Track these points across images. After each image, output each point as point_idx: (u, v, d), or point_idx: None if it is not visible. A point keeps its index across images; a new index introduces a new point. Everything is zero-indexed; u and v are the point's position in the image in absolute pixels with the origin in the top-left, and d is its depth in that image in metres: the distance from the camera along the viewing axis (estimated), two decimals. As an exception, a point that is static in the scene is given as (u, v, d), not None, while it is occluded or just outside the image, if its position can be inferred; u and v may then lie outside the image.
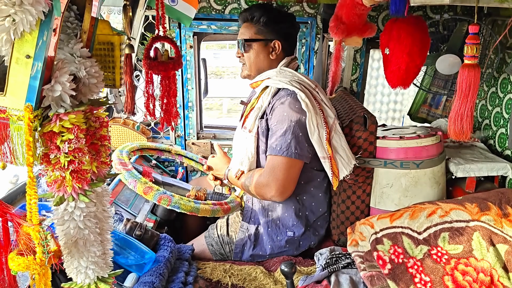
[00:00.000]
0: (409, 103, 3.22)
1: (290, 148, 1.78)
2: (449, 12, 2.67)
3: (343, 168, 1.83)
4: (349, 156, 1.84)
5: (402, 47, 1.95)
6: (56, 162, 0.88)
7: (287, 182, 1.82)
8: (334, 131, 1.84)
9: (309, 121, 1.77)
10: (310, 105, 1.78)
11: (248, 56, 1.97)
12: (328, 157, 1.80)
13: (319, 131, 1.78)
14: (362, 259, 1.74)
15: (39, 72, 0.81)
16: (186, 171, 3.08)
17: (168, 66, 1.70)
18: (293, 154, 1.78)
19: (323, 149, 1.79)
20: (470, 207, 1.72)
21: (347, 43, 2.40)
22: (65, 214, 0.95)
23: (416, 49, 1.94)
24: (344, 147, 1.84)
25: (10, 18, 0.76)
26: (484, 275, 1.50)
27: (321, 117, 1.81)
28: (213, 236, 2.08)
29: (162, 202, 1.85)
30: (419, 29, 1.95)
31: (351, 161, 1.85)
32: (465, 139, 1.63)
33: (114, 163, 2.08)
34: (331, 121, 1.85)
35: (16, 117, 0.82)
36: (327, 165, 1.81)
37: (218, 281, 1.79)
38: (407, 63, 1.96)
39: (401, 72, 2.00)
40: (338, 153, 1.83)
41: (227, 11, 2.76)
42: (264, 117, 1.89)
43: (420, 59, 1.97)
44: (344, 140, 1.86)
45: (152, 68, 1.67)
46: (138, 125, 2.91)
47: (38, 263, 0.88)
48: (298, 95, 1.79)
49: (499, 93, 2.46)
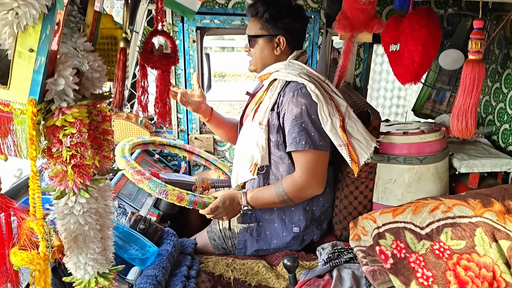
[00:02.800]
0: (412, 98, 3.22)
1: (315, 141, 1.78)
2: (453, 7, 2.66)
3: (362, 152, 1.82)
4: (367, 139, 1.83)
5: (416, 40, 1.93)
6: (58, 155, 0.88)
7: (324, 174, 1.85)
8: (348, 117, 1.83)
9: (320, 110, 1.77)
10: (320, 96, 1.77)
11: (254, 51, 1.97)
12: (345, 144, 1.79)
13: (332, 120, 1.77)
14: (364, 254, 1.74)
15: (42, 66, 0.81)
16: (188, 165, 3.08)
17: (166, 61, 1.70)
18: (319, 147, 1.79)
19: (338, 137, 1.79)
20: (473, 203, 1.72)
21: (358, 38, 2.38)
22: (65, 208, 0.95)
23: (431, 39, 1.92)
24: (361, 131, 1.83)
25: (13, 11, 0.76)
26: (487, 270, 1.50)
27: (333, 106, 1.80)
28: (215, 230, 2.08)
29: (197, 206, 1.87)
30: (432, 20, 1.93)
31: (371, 143, 1.83)
32: (468, 136, 1.62)
33: (129, 172, 1.94)
34: (343, 109, 1.84)
35: (20, 111, 0.83)
36: (344, 152, 1.80)
37: (220, 275, 1.79)
38: (421, 56, 1.94)
39: (415, 65, 1.98)
40: (355, 138, 1.81)
41: (230, 5, 2.75)
42: (275, 109, 1.88)
43: (434, 50, 1.95)
44: (361, 125, 1.84)
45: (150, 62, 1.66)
46: (141, 119, 2.91)
47: (42, 257, 0.88)
48: (308, 87, 1.79)
49: (503, 89, 2.44)
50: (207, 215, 1.90)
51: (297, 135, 1.79)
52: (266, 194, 1.89)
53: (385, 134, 1.96)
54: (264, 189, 1.91)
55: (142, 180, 1.89)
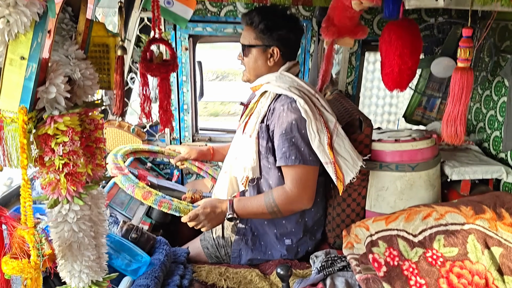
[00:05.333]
0: (404, 106, 3.23)
1: (305, 156, 1.78)
2: (443, 15, 2.68)
3: (348, 171, 1.81)
4: (354, 158, 1.83)
5: (393, 49, 1.96)
6: (50, 164, 0.88)
7: (314, 188, 1.85)
8: (336, 134, 1.83)
9: (309, 126, 1.76)
10: (309, 111, 1.76)
11: (247, 60, 1.94)
12: (331, 162, 1.78)
13: (320, 137, 1.77)
14: (357, 262, 1.74)
15: (33, 73, 0.81)
16: (181, 173, 3.07)
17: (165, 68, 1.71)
18: (308, 162, 1.78)
19: (325, 154, 1.78)
20: (465, 210, 1.73)
21: (339, 43, 2.41)
22: (59, 216, 0.94)
23: (407, 51, 1.94)
24: (348, 150, 1.83)
25: (4, 19, 0.76)
26: (479, 277, 1.51)
27: (321, 122, 1.80)
28: (208, 239, 2.07)
29: (163, 207, 1.84)
30: (409, 31, 1.95)
31: (357, 162, 1.83)
32: (458, 142, 1.63)
33: (109, 167, 2.04)
34: (331, 125, 1.84)
35: (10, 119, 0.82)
36: (330, 170, 1.80)
37: (213, 284, 1.78)
38: (399, 65, 1.97)
39: (395, 74, 2.01)
40: (342, 156, 1.81)
41: (223, 13, 2.76)
42: (265, 121, 1.87)
43: (411, 61, 1.97)
44: (348, 143, 1.84)
45: (150, 70, 1.67)
46: (133, 127, 2.90)
47: (33, 266, 0.87)
48: (298, 102, 1.78)
49: (493, 96, 2.47)
50: (188, 223, 1.86)
51: (287, 150, 1.78)
52: (255, 203, 1.86)
53: (377, 141, 1.97)
54: (252, 198, 1.89)
55: (117, 175, 1.97)
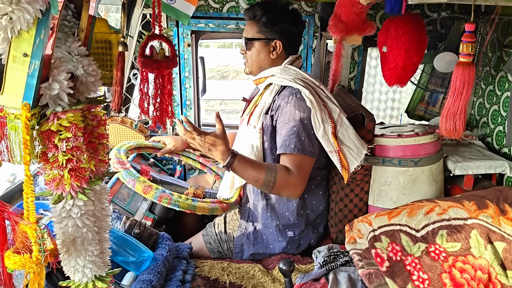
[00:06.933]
0: (407, 101, 3.23)
1: (304, 146, 1.78)
2: (446, 10, 2.68)
3: (353, 159, 1.82)
4: (358, 147, 1.83)
5: (399, 45, 1.96)
6: (54, 160, 0.88)
7: (307, 180, 1.84)
8: (340, 124, 1.84)
9: (314, 116, 1.77)
10: (314, 102, 1.78)
11: (250, 54, 1.99)
12: (336, 150, 1.80)
13: (324, 126, 1.78)
14: (360, 257, 1.74)
15: (36, 70, 0.81)
16: (184, 169, 3.08)
17: (162, 64, 1.70)
18: (307, 152, 1.79)
19: (330, 143, 1.79)
20: (468, 205, 1.73)
21: (347, 41, 2.40)
22: (63, 212, 0.95)
23: (414, 46, 1.95)
24: (352, 139, 1.83)
25: (7, 16, 0.76)
26: (482, 272, 1.51)
27: (326, 113, 1.81)
28: (211, 234, 2.08)
29: (162, 201, 1.85)
30: (416, 27, 1.96)
31: (362, 151, 1.83)
32: (457, 137, 1.63)
33: (112, 161, 2.06)
34: (335, 115, 1.84)
35: (13, 116, 0.82)
36: (335, 158, 1.81)
37: (216, 279, 1.79)
38: (405, 61, 1.97)
39: (399, 69, 2.01)
40: (346, 145, 1.82)
41: (225, 9, 2.75)
42: (269, 113, 1.89)
43: (417, 56, 1.98)
44: (352, 132, 1.84)
45: (146, 66, 1.67)
46: (136, 123, 2.91)
47: (34, 261, 0.88)
48: (303, 92, 1.79)
49: (496, 91, 2.46)
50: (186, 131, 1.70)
51: (288, 138, 1.78)
52: (254, 171, 1.74)
53: (380, 136, 1.97)
54: (255, 165, 1.77)
55: (118, 169, 1.99)
